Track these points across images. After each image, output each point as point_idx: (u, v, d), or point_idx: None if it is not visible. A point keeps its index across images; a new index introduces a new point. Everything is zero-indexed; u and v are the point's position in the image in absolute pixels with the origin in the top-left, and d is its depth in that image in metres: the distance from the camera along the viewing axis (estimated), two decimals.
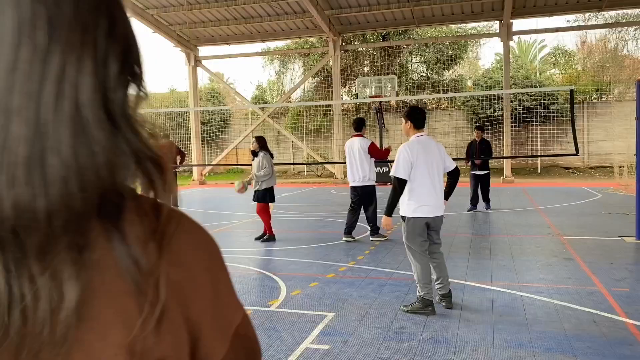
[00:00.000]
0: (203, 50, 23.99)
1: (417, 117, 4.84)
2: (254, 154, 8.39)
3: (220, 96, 29.30)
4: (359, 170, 8.08)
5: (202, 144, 23.99)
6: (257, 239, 8.43)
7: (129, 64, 0.55)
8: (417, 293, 4.72)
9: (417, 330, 4.22)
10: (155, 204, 0.56)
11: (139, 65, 0.57)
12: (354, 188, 8.26)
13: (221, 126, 27.10)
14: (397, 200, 4.74)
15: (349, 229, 8.24)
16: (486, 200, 11.51)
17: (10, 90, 0.46)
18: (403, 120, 4.90)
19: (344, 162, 8.60)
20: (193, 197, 16.89)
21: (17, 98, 0.46)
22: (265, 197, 8.31)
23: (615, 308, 4.67)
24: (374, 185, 8.27)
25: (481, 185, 11.47)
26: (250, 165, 8.53)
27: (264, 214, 8.39)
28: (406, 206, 4.73)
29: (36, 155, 0.46)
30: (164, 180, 0.55)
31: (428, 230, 4.77)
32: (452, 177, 5.00)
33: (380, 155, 8.28)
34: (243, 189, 8.25)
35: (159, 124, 0.56)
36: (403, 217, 4.79)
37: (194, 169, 23.90)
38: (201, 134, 24.02)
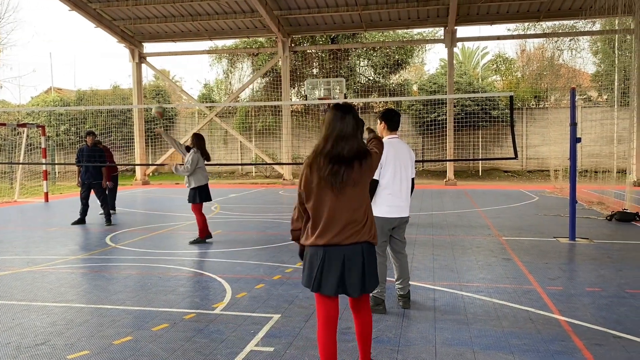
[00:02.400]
0: (148, 47, 23.41)
1: (391, 119, 4.90)
2: (187, 149, 8.33)
3: (166, 94, 28.62)
4: None
5: (145, 142, 23.39)
6: (200, 241, 8.27)
7: (361, 128, 3.43)
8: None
9: None
10: (377, 141, 3.57)
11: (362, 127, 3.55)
12: None
13: (166, 125, 26.49)
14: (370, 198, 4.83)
15: None
16: None
17: (353, 131, 3.08)
18: (378, 121, 4.99)
19: (293, 164, 8.59)
20: (135, 198, 16.42)
21: (354, 132, 3.09)
22: (194, 197, 8.18)
23: (550, 306, 4.88)
24: None
25: None
26: (199, 165, 8.40)
27: (196, 214, 8.27)
28: (372, 205, 4.80)
29: (359, 142, 3.13)
30: (376, 145, 3.43)
31: (393, 230, 4.85)
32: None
33: None
34: (159, 113, 8.42)
35: (100, 122, 0.64)
36: None
37: (137, 168, 23.25)
38: (145, 132, 23.41)
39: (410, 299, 4.99)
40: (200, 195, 8.19)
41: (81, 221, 10.45)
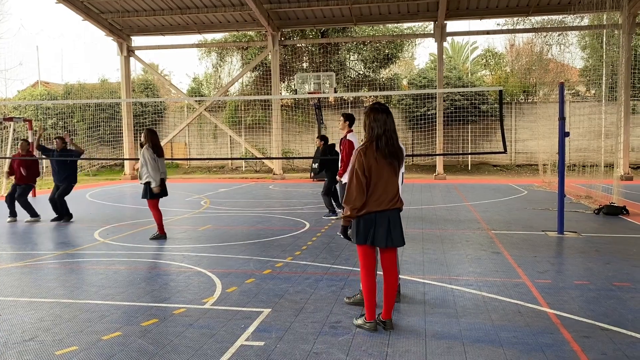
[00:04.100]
0: (136, 40, 23.22)
1: None
2: (141, 145, 8.30)
3: (155, 88, 28.42)
4: None
5: (134, 136, 23.22)
6: (159, 237, 8.20)
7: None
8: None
9: (352, 324, 4.27)
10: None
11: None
12: None
13: (155, 119, 26.32)
14: None
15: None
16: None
17: (394, 128, 4.12)
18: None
19: (283, 158, 8.59)
20: (124, 192, 16.31)
21: (395, 129, 4.13)
22: (146, 192, 8.12)
23: (539, 299, 4.91)
24: None
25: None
26: (186, 159, 8.36)
27: (151, 209, 8.21)
28: None
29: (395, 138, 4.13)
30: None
31: None
32: None
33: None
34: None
35: (88, 116, 0.60)
36: None
37: (126, 163, 23.10)
38: (134, 126, 23.24)
39: (400, 293, 5.00)
40: (151, 191, 8.10)
41: (60, 218, 10.28)
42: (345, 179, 7.83)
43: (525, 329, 4.14)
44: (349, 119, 8.36)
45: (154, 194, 8.10)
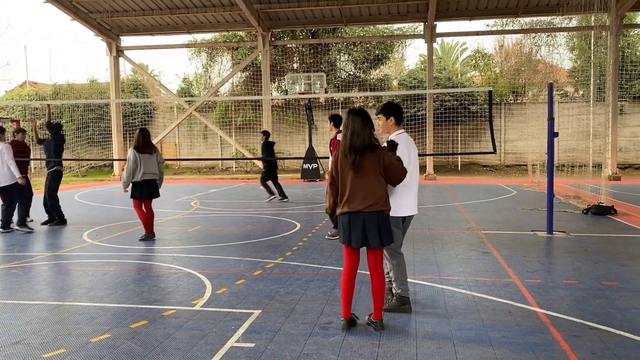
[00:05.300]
0: (126, 40, 23.08)
1: (399, 112, 4.64)
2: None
3: (144, 88, 28.25)
4: None
5: (123, 137, 23.08)
6: (148, 237, 8.13)
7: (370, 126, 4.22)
8: (394, 291, 4.61)
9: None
10: (380, 146, 4.21)
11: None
12: None
13: (144, 119, 26.16)
14: None
15: None
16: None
17: (362, 129, 4.08)
18: (382, 116, 4.63)
19: (275, 159, 8.63)
20: (113, 193, 16.19)
21: (363, 130, 4.09)
22: (133, 192, 8.08)
23: (528, 298, 4.93)
24: None
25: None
26: (176, 160, 8.30)
27: (135, 209, 8.19)
28: (398, 206, 4.51)
29: (367, 136, 4.11)
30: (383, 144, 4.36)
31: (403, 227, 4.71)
32: None
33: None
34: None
35: (77, 117, 0.60)
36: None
37: (115, 163, 22.95)
38: (123, 127, 23.09)
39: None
40: (133, 192, 8.05)
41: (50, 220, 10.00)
42: None
43: (515, 329, 4.15)
44: (335, 120, 8.41)
45: (133, 194, 8.04)
